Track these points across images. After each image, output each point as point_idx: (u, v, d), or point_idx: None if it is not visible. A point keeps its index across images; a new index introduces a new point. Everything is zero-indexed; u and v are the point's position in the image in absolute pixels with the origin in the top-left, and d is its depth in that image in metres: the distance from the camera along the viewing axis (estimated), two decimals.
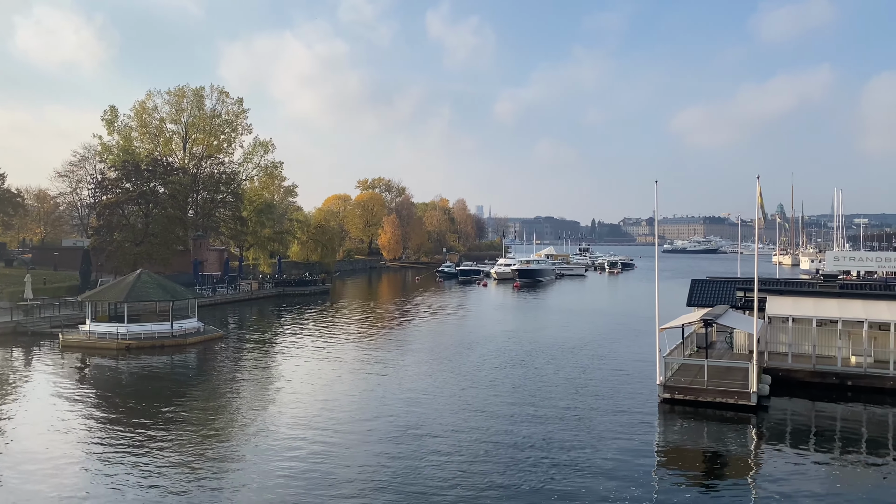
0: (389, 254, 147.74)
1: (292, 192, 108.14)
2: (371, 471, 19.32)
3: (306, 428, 23.59)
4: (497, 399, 27.79)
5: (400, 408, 26.35)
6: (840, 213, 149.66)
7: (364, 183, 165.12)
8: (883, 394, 28.60)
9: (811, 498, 17.56)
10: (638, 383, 30.82)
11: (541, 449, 21.29)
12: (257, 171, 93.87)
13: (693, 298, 38.10)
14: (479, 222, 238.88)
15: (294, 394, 28.91)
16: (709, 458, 21.33)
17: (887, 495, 17.85)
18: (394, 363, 35.79)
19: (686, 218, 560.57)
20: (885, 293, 34.40)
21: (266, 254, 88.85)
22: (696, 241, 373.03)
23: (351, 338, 45.64)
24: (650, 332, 31.17)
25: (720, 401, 26.38)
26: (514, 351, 39.33)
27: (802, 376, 30.48)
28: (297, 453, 20.81)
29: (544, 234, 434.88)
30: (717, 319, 30.13)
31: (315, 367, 34.73)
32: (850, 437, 23.58)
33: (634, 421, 24.74)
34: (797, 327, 31.82)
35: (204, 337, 43.15)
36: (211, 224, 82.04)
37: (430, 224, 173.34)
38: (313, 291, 78.88)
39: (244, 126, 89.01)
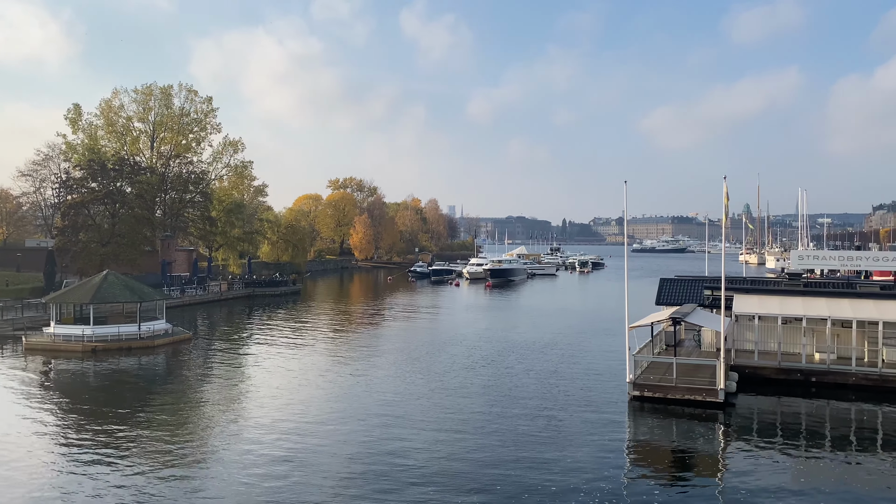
0: (361, 254, 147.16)
1: (262, 191, 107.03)
2: (341, 473, 19.22)
3: (276, 430, 23.39)
4: (468, 399, 27.84)
5: (371, 409, 26.26)
6: (804, 213, 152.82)
7: (335, 183, 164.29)
8: (846, 389, 29.26)
9: (777, 492, 17.89)
10: (608, 381, 31.11)
11: (511, 448, 21.38)
12: (227, 171, 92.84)
13: (662, 297, 38.60)
14: (451, 222, 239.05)
15: (264, 396, 28.65)
16: (678, 455, 21.62)
17: (850, 488, 18.26)
18: (365, 364, 35.66)
19: (655, 218, 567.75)
20: (848, 291, 35.22)
21: (236, 254, 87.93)
22: (665, 240, 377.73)
23: (322, 339, 45.36)
24: (620, 330, 31.50)
25: (689, 398, 26.76)
26: (486, 351, 39.44)
27: (768, 373, 31.05)
28: (267, 456, 20.62)
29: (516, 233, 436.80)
30: (686, 318, 30.56)
31: (285, 369, 34.45)
32: (814, 433, 24.09)
33: (604, 419, 24.98)
34: (763, 325, 32.41)
35: (172, 338, 42.55)
36: (179, 224, 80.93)
37: (402, 224, 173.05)
38: (284, 292, 78.27)
39: (213, 125, 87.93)
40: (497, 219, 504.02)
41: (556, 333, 46.86)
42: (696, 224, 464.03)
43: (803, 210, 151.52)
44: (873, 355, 30.62)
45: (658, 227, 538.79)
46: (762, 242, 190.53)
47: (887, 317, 30.20)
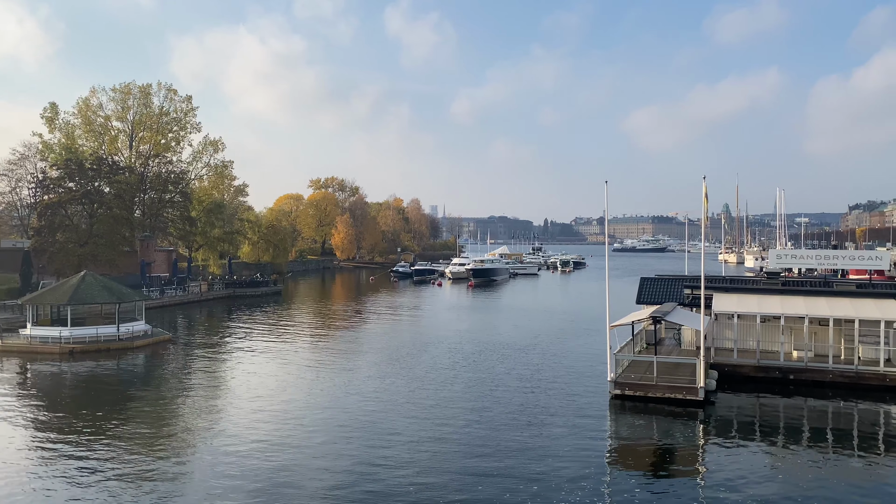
0: (343, 254, 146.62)
1: (243, 191, 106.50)
2: (322, 476, 19.13)
3: (256, 432, 23.23)
4: (450, 400, 27.84)
5: (352, 411, 26.17)
6: (782, 213, 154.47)
7: (317, 182, 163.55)
8: (823, 387, 29.65)
9: (756, 488, 18.07)
10: (589, 380, 31.26)
11: (492, 449, 21.40)
12: (207, 171, 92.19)
13: (642, 296, 38.89)
14: (433, 222, 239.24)
15: (244, 398, 28.45)
16: (659, 453, 21.77)
17: (828, 484, 18.50)
18: (347, 365, 35.54)
19: (636, 217, 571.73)
20: (825, 290, 35.69)
21: (216, 254, 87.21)
22: (646, 240, 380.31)
23: (303, 339, 45.14)
24: (601, 329, 31.67)
25: (669, 396, 26.97)
26: (468, 351, 39.47)
27: (747, 371, 31.38)
28: (247, 459, 20.46)
29: (498, 233, 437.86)
30: (666, 317, 30.79)
31: (266, 370, 34.24)
32: (792, 429, 24.38)
33: (586, 418, 25.10)
34: (742, 323, 32.75)
35: (152, 340, 42.13)
36: (159, 224, 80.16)
37: (384, 224, 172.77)
38: (265, 292, 77.80)
39: (193, 124, 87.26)
40: (479, 219, 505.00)
41: (537, 333, 47.00)
42: (677, 224, 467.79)
43: (781, 210, 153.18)
44: (850, 353, 31.05)
45: (639, 226, 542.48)
46: (741, 242, 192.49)
47: (863, 315, 30.64)
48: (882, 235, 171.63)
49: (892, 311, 30.62)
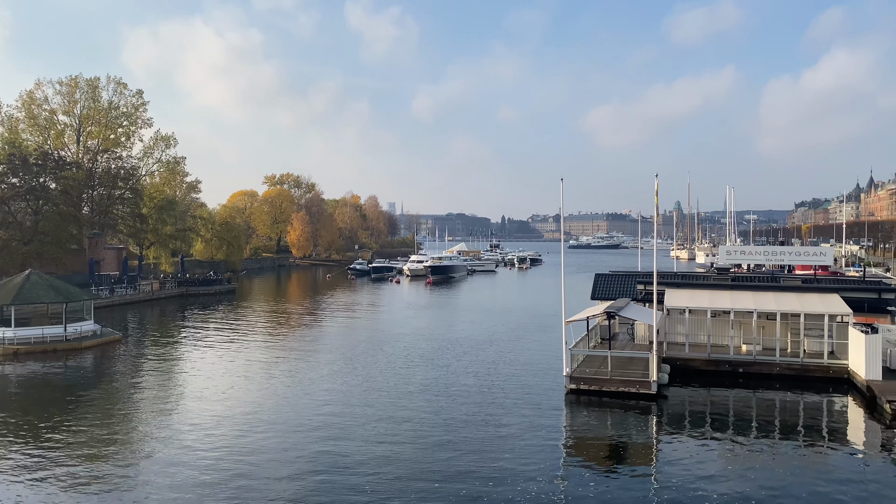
0: (299, 251, 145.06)
1: (195, 187, 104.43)
2: (277, 478, 18.88)
3: (209, 435, 22.83)
4: (405, 399, 27.77)
5: (307, 412, 25.90)
6: (732, 210, 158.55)
7: (272, 179, 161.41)
8: (771, 379, 30.53)
9: (707, 479, 18.51)
10: (545, 376, 31.58)
11: (449, 446, 21.44)
12: (158, 167, 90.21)
13: (597, 292, 39.49)
14: (391, 219, 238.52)
15: (196, 399, 27.94)
16: (613, 446, 22.13)
17: (775, 474, 19.05)
18: (301, 365, 35.17)
19: (591, 215, 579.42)
20: (772, 285, 36.77)
21: (168, 252, 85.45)
22: (600, 237, 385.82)
23: (258, 339, 44.53)
24: (557, 325, 32.01)
25: (623, 390, 27.44)
26: (424, 349, 39.47)
27: (699, 365, 32.11)
28: (200, 463, 20.09)
29: (456, 230, 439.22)
30: (620, 312, 31.31)
31: (219, 371, 33.68)
32: (741, 421, 25.05)
33: (542, 413, 25.35)
34: (693, 318, 33.50)
35: (101, 340, 41.04)
36: (108, 221, 78.17)
37: (341, 221, 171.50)
38: (218, 291, 76.51)
39: (144, 119, 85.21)
40: (437, 216, 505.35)
41: (495, 330, 47.28)
42: (630, 221, 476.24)
43: (731, 207, 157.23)
44: (795, 346, 32.04)
45: (594, 223, 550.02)
46: (692, 238, 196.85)
47: (808, 309, 31.65)
48: (826, 232, 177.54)
49: (836, 306, 31.70)
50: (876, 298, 34.91)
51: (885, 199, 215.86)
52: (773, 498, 17.07)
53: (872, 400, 26.26)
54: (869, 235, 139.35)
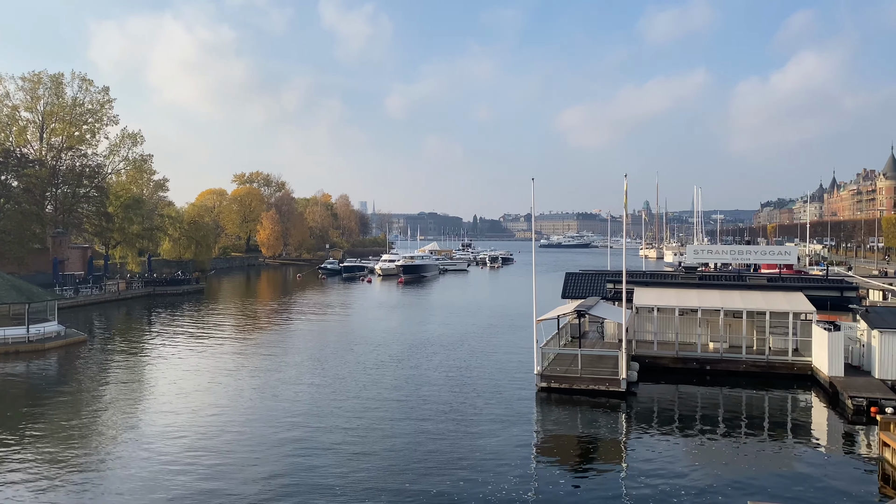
0: (269, 250, 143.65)
1: (163, 186, 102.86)
2: (245, 482, 18.67)
3: (177, 438, 22.47)
4: (376, 399, 27.63)
5: (275, 414, 25.59)
6: (699, 210, 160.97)
7: (241, 177, 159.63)
8: (737, 376, 31.05)
9: (676, 475, 18.75)
10: (517, 374, 31.72)
11: (420, 446, 21.40)
12: (124, 165, 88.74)
13: (567, 291, 39.82)
14: (362, 218, 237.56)
15: (164, 402, 27.51)
16: (583, 443, 22.31)
17: (742, 469, 19.37)
18: (270, 366, 34.83)
19: (561, 214, 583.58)
20: (739, 283, 37.40)
21: (135, 252, 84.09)
22: (571, 236, 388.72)
23: (226, 340, 44.01)
24: (528, 324, 32.19)
25: (593, 388, 27.68)
26: (396, 349, 39.37)
27: (667, 362, 32.53)
28: (166, 466, 19.77)
29: (428, 229, 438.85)
30: (590, 310, 31.59)
31: (187, 372, 33.21)
32: (709, 417, 25.43)
33: (513, 411, 25.45)
34: (662, 316, 33.93)
35: (65, 341, 40.20)
36: (72, 220, 76.64)
37: (311, 220, 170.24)
38: (187, 291, 75.47)
39: (110, 116, 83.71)
40: (409, 215, 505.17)
41: (466, 329, 47.37)
42: (600, 220, 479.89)
43: (698, 207, 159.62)
44: (761, 343, 32.63)
45: (564, 223, 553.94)
46: (661, 238, 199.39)
47: (773, 307, 32.24)
48: (791, 231, 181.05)
49: (800, 304, 32.35)
50: (838, 297, 35.72)
51: (847, 200, 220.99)
52: (739, 492, 17.35)
53: (835, 396, 26.86)
54: (832, 235, 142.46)
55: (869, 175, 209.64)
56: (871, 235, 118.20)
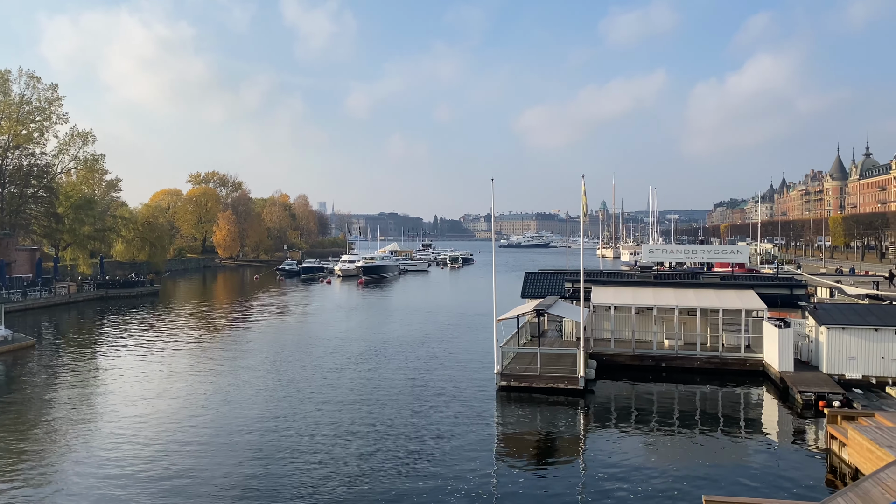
0: (225, 252, 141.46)
1: (115, 186, 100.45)
2: (197, 490, 18.36)
3: (128, 446, 21.94)
4: (335, 402, 27.39)
5: (231, 419, 25.13)
6: (654, 210, 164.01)
7: (196, 177, 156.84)
8: (692, 373, 31.71)
9: (633, 471, 19.04)
10: (477, 374, 31.84)
11: (379, 448, 21.30)
12: (75, 164, 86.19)
13: (526, 290, 40.14)
14: (322, 218, 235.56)
15: (116, 408, 26.84)
16: (543, 442, 22.51)
17: (696, 463, 19.79)
18: (226, 371, 34.25)
19: (521, 214, 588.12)
20: (693, 282, 38.21)
21: (86, 253, 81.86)
22: (530, 236, 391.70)
23: (181, 343, 43.17)
24: (488, 324, 32.34)
25: (552, 386, 27.95)
26: (355, 351, 39.12)
27: (624, 360, 33.04)
28: (116, 474, 19.31)
29: (388, 230, 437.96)
30: (548, 309, 31.91)
31: (140, 377, 32.45)
32: (664, 413, 25.91)
33: (473, 411, 25.53)
34: (618, 315, 34.46)
35: (12, 346, 38.92)
36: (20, 221, 74.23)
37: (269, 220, 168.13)
38: (141, 293, 73.81)
39: (60, 115, 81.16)
40: (369, 215, 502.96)
41: (427, 330, 47.36)
42: (559, 220, 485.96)
43: (654, 207, 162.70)
44: (715, 340, 33.39)
45: (524, 223, 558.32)
46: (617, 238, 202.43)
47: (726, 305, 33.02)
48: (743, 231, 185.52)
49: (752, 302, 33.19)
50: (788, 294, 36.79)
51: (797, 200, 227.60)
52: (693, 486, 17.71)
53: (785, 391, 27.62)
54: (782, 234, 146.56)
55: (816, 176, 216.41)
56: (818, 234, 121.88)
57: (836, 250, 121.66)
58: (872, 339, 28.20)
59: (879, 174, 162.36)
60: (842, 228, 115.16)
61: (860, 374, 28.28)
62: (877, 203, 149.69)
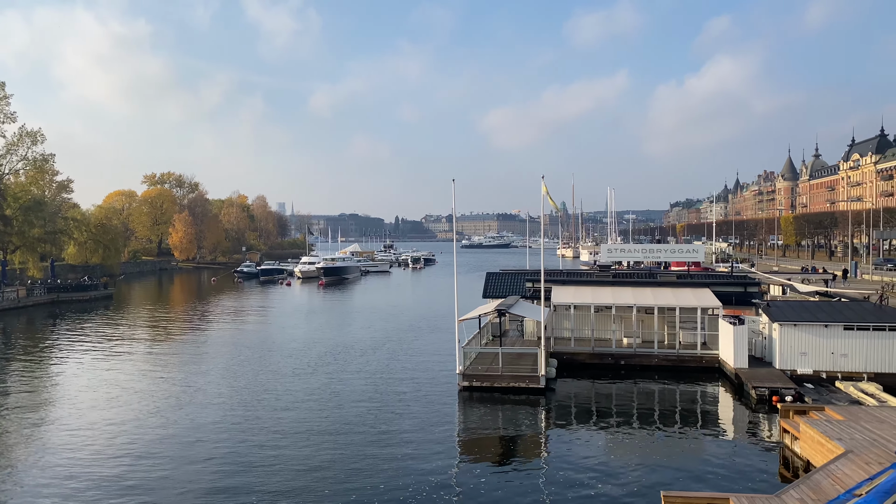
0: (182, 254, 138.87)
1: (67, 187, 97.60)
2: (152, 502, 17.97)
3: (79, 456, 21.26)
4: (294, 408, 26.87)
5: (185, 428, 24.34)
6: (613, 210, 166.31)
7: (152, 178, 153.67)
8: (650, 370, 32.19)
9: (593, 467, 19.19)
10: (439, 374, 31.80)
11: (339, 453, 21.05)
12: (24, 165, 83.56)
13: (488, 290, 40.28)
14: (281, 220, 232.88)
15: (65, 416, 26.06)
16: (504, 441, 22.56)
17: (654, 460, 20.04)
18: (181, 377, 33.45)
19: (482, 215, 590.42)
20: (650, 281, 38.79)
21: (36, 256, 79.48)
22: (491, 236, 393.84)
23: (135, 348, 42.16)
24: (450, 324, 32.31)
25: (513, 385, 28.08)
26: (315, 354, 38.68)
27: (584, 358, 33.37)
28: (66, 485, 18.74)
29: (349, 231, 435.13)
30: (510, 309, 32.04)
31: (93, 385, 31.51)
32: (623, 411, 26.23)
33: (435, 412, 25.47)
34: (578, 314, 34.80)
35: None
36: None
37: (227, 222, 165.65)
38: (94, 297, 71.98)
39: (6, 113, 78.64)
40: (330, 216, 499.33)
41: (388, 331, 47.15)
42: (520, 221, 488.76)
43: (612, 207, 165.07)
44: (672, 338, 33.96)
45: (485, 223, 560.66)
46: (577, 237, 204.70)
47: (683, 303, 33.61)
48: (698, 230, 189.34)
49: (707, 300, 33.84)
50: (742, 292, 37.61)
51: (750, 200, 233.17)
52: (652, 482, 17.94)
53: (740, 387, 28.22)
54: (736, 233, 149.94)
55: (769, 176, 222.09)
56: (771, 234, 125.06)
57: (788, 249, 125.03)
58: (822, 336, 29.00)
59: (828, 175, 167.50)
60: (793, 227, 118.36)
61: (811, 370, 29.06)
62: (826, 203, 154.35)
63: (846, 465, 15.31)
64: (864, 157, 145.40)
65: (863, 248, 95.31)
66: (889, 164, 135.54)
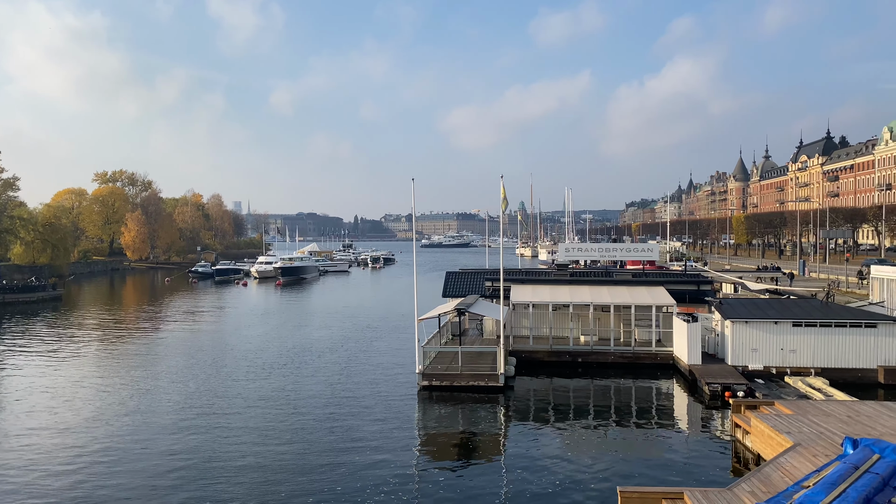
0: (135, 254, 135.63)
1: (13, 185, 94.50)
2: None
3: (25, 464, 20.61)
4: (249, 412, 26.21)
5: (137, 434, 23.72)
6: (570, 210, 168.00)
7: (103, 176, 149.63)
8: (607, 367, 32.62)
9: (551, 464, 19.34)
10: (399, 374, 31.68)
11: (296, 455, 20.76)
12: None
13: (448, 289, 40.31)
14: (237, 219, 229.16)
15: (11, 423, 25.22)
16: (464, 440, 22.58)
17: (611, 456, 20.32)
18: (133, 380, 32.51)
19: (442, 214, 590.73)
20: (606, 279, 39.30)
21: None
22: (451, 236, 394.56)
23: (85, 352, 40.98)
24: (410, 324, 32.25)
25: (473, 384, 28.15)
26: (271, 356, 38.08)
27: (542, 356, 33.65)
28: (19, 493, 18.16)
29: (308, 230, 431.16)
30: (469, 308, 32.12)
31: (40, 389, 30.50)
32: (581, 408, 26.54)
33: (394, 412, 25.36)
34: (536, 312, 35.08)
35: None
36: None
37: (181, 221, 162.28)
38: (42, 298, 69.80)
39: None
40: (288, 216, 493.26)
41: (347, 331, 46.80)
42: (479, 220, 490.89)
43: (569, 207, 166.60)
44: (628, 336, 34.49)
45: (445, 223, 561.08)
46: (535, 237, 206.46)
47: (638, 301, 34.16)
48: (653, 230, 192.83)
49: (662, 298, 34.45)
50: (695, 290, 38.40)
51: (703, 200, 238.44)
52: (609, 477, 18.17)
53: (694, 383, 28.80)
54: (689, 232, 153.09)
55: (721, 177, 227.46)
56: (723, 233, 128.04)
57: (740, 248, 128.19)
58: (772, 332, 29.79)
59: (778, 175, 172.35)
60: (744, 227, 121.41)
61: (762, 365, 29.83)
62: (775, 203, 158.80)
63: (795, 458, 15.75)
64: (812, 159, 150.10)
65: (810, 247, 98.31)
66: (835, 166, 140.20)
